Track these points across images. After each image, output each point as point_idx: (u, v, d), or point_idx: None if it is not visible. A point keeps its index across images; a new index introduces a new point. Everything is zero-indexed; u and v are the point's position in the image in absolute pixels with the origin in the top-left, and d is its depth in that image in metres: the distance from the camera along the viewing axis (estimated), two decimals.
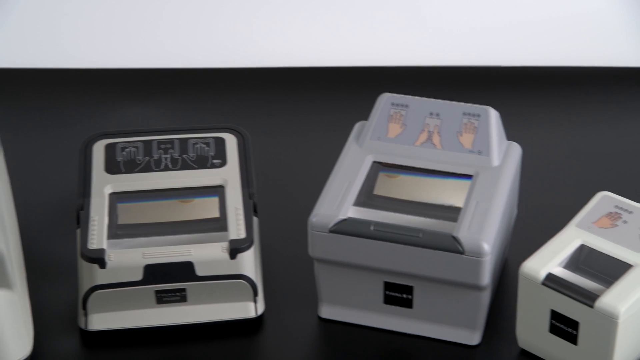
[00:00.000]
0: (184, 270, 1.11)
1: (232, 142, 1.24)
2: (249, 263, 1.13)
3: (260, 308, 1.16)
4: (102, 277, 1.11)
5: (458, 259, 1.08)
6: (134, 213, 1.17)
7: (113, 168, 1.20)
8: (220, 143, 1.23)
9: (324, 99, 1.52)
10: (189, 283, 1.12)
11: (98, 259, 1.10)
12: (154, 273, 1.11)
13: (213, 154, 1.22)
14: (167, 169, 1.20)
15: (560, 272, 1.08)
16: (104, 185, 1.18)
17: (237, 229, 1.13)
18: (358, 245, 1.10)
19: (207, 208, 1.17)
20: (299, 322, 1.17)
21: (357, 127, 1.22)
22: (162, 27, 1.58)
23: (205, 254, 1.11)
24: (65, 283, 1.20)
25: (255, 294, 1.14)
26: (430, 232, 1.09)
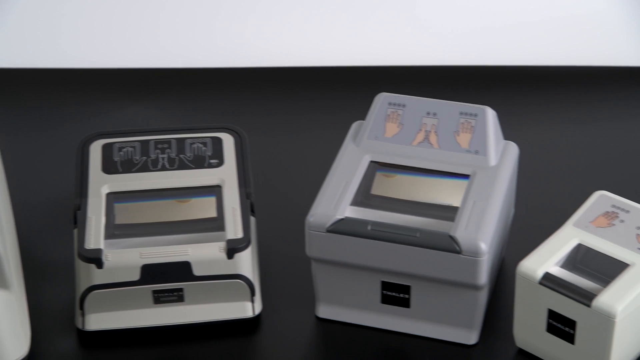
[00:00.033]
0: (181, 270, 1.11)
1: (229, 141, 1.23)
2: (247, 263, 1.13)
3: (258, 308, 1.16)
4: (99, 277, 1.11)
5: (455, 259, 1.08)
6: (131, 213, 1.17)
7: (110, 168, 1.20)
8: (218, 143, 1.23)
9: (321, 99, 1.52)
10: (187, 283, 1.12)
11: (95, 259, 1.10)
12: (151, 273, 1.11)
13: (210, 154, 1.22)
14: (164, 169, 1.20)
15: (558, 271, 1.08)
16: (101, 185, 1.18)
17: (234, 229, 1.13)
18: (355, 245, 1.10)
19: (204, 208, 1.17)
20: (297, 321, 1.17)
21: (354, 126, 1.22)
22: (160, 27, 1.58)
23: (203, 254, 1.11)
24: (63, 283, 1.20)
25: (253, 294, 1.14)
26: (428, 231, 1.09)
